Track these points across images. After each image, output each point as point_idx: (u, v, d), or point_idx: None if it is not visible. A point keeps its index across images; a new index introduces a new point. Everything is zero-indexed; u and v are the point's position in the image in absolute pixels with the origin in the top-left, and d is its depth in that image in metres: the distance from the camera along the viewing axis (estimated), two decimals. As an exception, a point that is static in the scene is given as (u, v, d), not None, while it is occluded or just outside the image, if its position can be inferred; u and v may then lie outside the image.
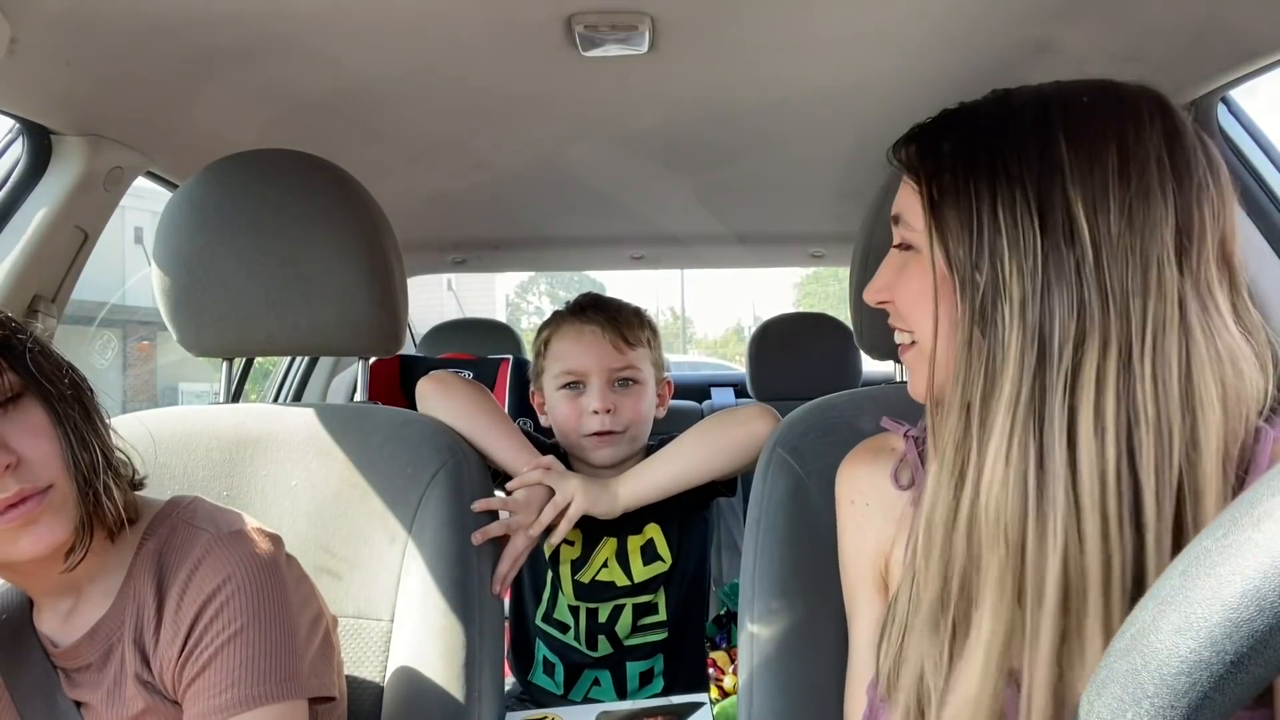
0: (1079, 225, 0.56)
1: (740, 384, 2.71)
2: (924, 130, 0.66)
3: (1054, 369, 0.55)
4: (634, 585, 1.24)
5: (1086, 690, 0.33)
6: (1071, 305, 0.55)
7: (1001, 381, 0.57)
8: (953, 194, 0.60)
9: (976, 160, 0.59)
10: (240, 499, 0.99)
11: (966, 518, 0.58)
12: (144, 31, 1.02)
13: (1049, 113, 0.59)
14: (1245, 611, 0.29)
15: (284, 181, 1.03)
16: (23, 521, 0.66)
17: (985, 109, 0.63)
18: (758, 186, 1.87)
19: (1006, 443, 0.56)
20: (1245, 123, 1.24)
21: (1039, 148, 0.58)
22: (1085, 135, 0.57)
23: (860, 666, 0.75)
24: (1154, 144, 0.57)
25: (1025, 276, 0.56)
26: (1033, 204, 0.57)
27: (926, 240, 0.62)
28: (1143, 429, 0.54)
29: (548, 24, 1.05)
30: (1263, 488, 0.31)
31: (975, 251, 0.58)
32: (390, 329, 1.07)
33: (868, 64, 1.19)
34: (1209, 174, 0.58)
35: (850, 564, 0.78)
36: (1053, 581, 0.54)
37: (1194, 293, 0.56)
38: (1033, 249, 0.56)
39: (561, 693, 1.29)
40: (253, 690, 0.68)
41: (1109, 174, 0.56)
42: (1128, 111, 0.58)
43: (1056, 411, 0.55)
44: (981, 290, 0.58)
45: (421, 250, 2.28)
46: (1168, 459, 0.54)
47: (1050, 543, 0.54)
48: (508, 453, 1.10)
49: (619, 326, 1.24)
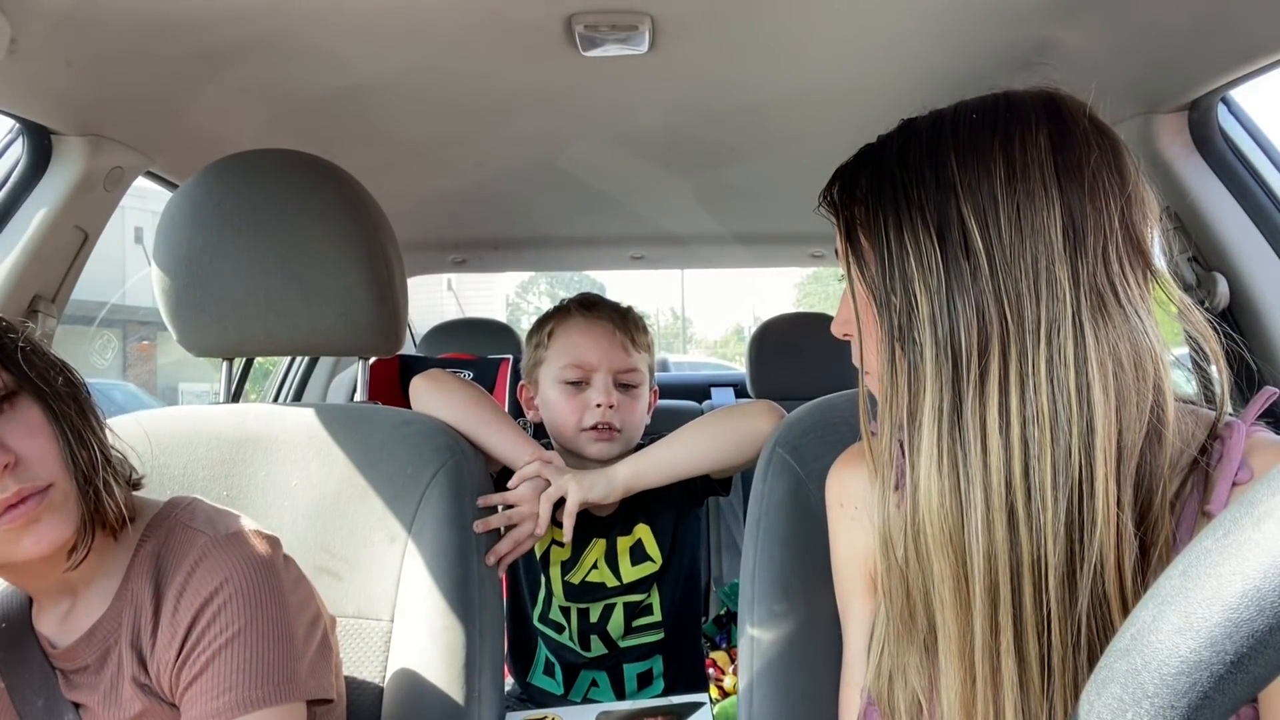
0: (972, 237, 0.58)
1: (740, 384, 2.71)
2: (843, 171, 0.69)
3: (965, 377, 0.58)
4: (623, 585, 1.24)
5: (1086, 690, 0.33)
6: (973, 315, 0.58)
7: (924, 396, 0.60)
8: (865, 225, 0.64)
9: (883, 191, 0.63)
10: (240, 499, 0.99)
11: (912, 528, 0.61)
12: (144, 31, 1.02)
13: (941, 135, 0.62)
14: (1245, 611, 0.29)
15: (284, 181, 1.03)
16: (24, 521, 0.66)
17: (891, 141, 0.66)
18: (758, 186, 1.87)
19: (935, 452, 0.59)
20: (1245, 123, 1.24)
21: (933, 170, 0.60)
22: (973, 151, 0.60)
23: (853, 668, 0.76)
24: (1039, 148, 0.59)
25: (932, 293, 0.59)
26: (931, 224, 0.60)
27: (846, 269, 0.66)
28: (1038, 426, 0.56)
29: (548, 24, 1.05)
30: (1262, 487, 0.31)
31: (888, 275, 0.62)
32: (390, 329, 1.07)
33: (867, 64, 1.19)
34: (1104, 165, 0.58)
35: (842, 567, 0.78)
36: (979, 581, 0.57)
37: (1090, 288, 0.57)
38: (935, 266, 0.59)
39: (562, 692, 1.29)
40: (250, 693, 0.68)
41: (996, 184, 0.58)
42: (1015, 119, 0.60)
43: (970, 418, 0.58)
44: (897, 311, 0.61)
45: (421, 250, 2.28)
46: (1065, 455, 0.56)
47: (974, 544, 0.57)
48: (506, 446, 1.09)
49: (628, 326, 1.24)
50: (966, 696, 0.58)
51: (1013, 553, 0.56)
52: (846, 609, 0.78)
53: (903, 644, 0.64)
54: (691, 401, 2.54)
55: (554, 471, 1.09)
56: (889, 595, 0.64)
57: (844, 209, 0.66)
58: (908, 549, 0.62)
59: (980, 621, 0.57)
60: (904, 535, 0.62)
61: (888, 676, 0.66)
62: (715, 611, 1.79)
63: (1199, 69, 1.08)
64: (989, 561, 0.57)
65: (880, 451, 0.64)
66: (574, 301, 1.29)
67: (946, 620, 0.59)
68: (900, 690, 0.65)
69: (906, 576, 0.62)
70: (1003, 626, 0.57)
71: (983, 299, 0.57)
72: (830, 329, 0.76)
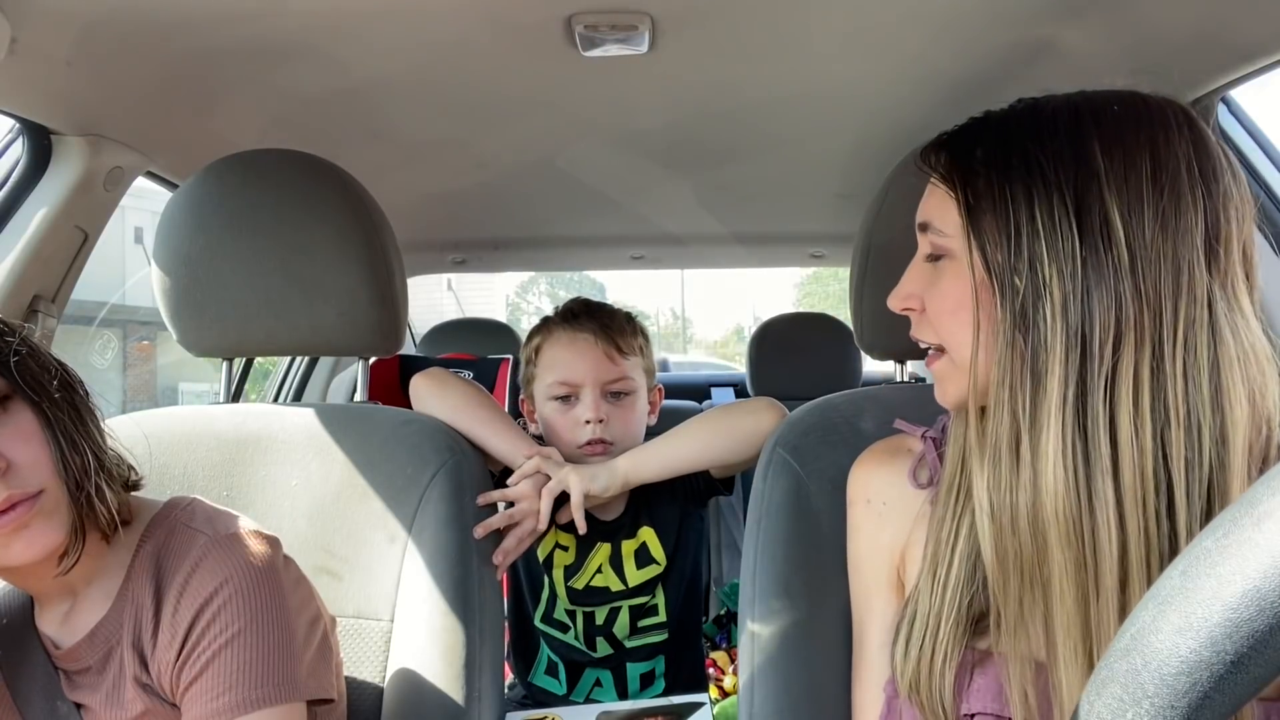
0: (1115, 229, 0.57)
1: (740, 384, 2.71)
2: (954, 137, 0.66)
3: (1095, 368, 0.57)
4: (629, 589, 1.24)
5: (1086, 690, 0.33)
6: (1109, 306, 0.57)
7: (1048, 383, 0.58)
8: (989, 199, 0.61)
9: (1012, 165, 0.60)
10: (240, 499, 0.99)
11: (1029, 516, 0.59)
12: (144, 31, 1.02)
13: (1081, 119, 0.60)
14: (1245, 611, 0.29)
15: (284, 181, 1.03)
16: (14, 527, 0.66)
17: (1017, 115, 0.64)
18: (758, 186, 1.87)
19: (1060, 443, 0.57)
20: (1245, 123, 1.24)
21: (1074, 153, 0.59)
22: (1119, 141, 0.58)
23: (872, 666, 0.75)
24: (1183, 151, 0.58)
25: (1065, 279, 0.58)
26: (1070, 208, 0.58)
27: (964, 246, 0.63)
28: (1174, 426, 0.56)
29: (548, 24, 1.05)
30: (1262, 488, 0.31)
31: (1014, 255, 0.59)
32: (390, 329, 1.07)
33: (868, 64, 1.19)
34: (1233, 180, 0.60)
35: (864, 564, 0.78)
36: (1109, 575, 0.57)
37: (1221, 294, 0.58)
38: (1071, 252, 0.58)
39: (565, 692, 1.29)
40: (251, 693, 0.68)
41: (1143, 180, 0.57)
42: (1156, 120, 0.60)
43: (1099, 410, 0.57)
44: (1022, 294, 0.59)
45: (421, 250, 2.28)
46: (1197, 455, 0.56)
47: (1104, 537, 0.56)
48: (505, 444, 1.09)
49: (612, 335, 1.21)
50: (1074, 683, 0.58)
51: (1146, 546, 0.56)
52: (865, 605, 0.77)
53: (1007, 636, 0.62)
54: (692, 401, 2.54)
55: (553, 466, 1.08)
56: (999, 585, 0.62)
57: (963, 180, 0.63)
58: (1021, 537, 0.60)
59: (1111, 615, 0.57)
60: (1012, 523, 0.60)
61: (926, 669, 0.65)
62: (715, 611, 1.79)
63: (1198, 69, 1.08)
64: (1121, 555, 0.56)
65: (999, 433, 0.61)
66: (558, 314, 1.27)
67: (1066, 612, 0.58)
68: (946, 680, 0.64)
69: (1021, 563, 0.61)
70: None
71: (1122, 292, 0.57)
72: (886, 302, 0.72)
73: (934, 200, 0.67)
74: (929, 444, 0.75)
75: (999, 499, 0.61)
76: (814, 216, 2.12)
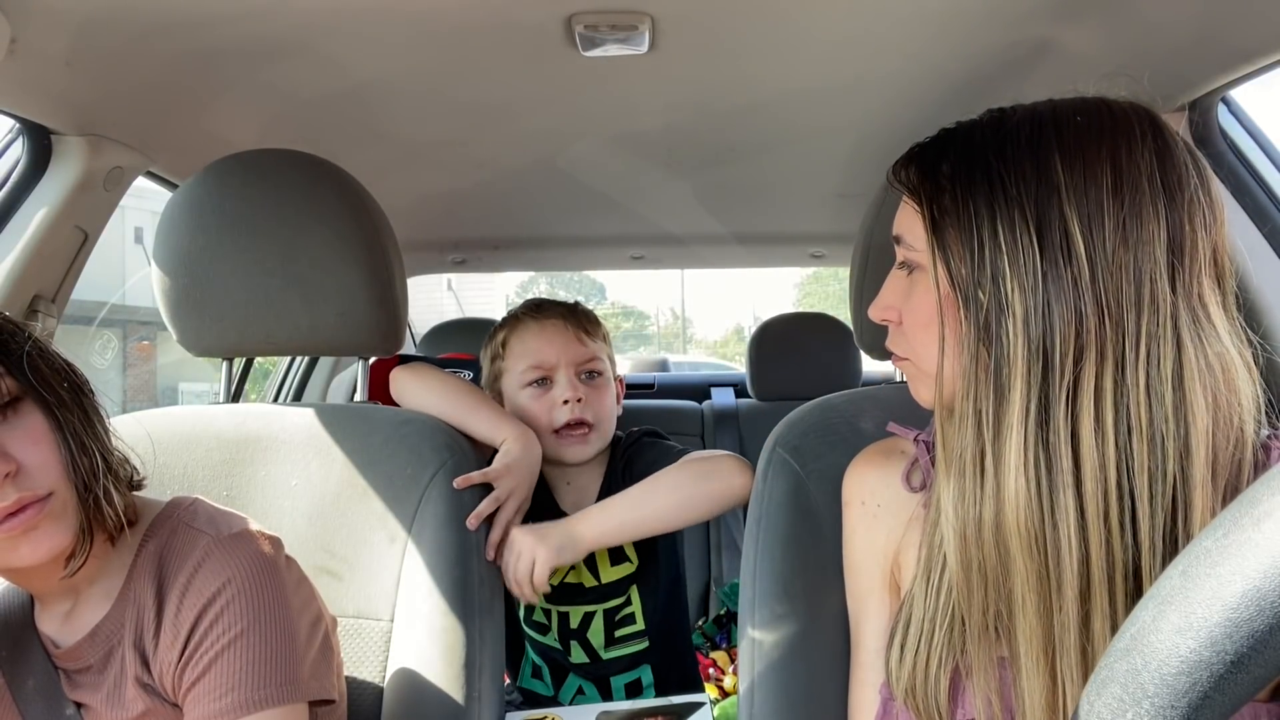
0: (1075, 242, 0.57)
1: (740, 384, 2.70)
2: (923, 150, 0.67)
3: (1057, 381, 0.57)
4: (601, 586, 1.24)
5: (1086, 690, 0.33)
6: (1070, 319, 0.57)
7: (1011, 396, 0.58)
8: (953, 214, 0.62)
9: (975, 180, 0.61)
10: (240, 499, 0.99)
11: (992, 527, 0.60)
12: (144, 31, 1.02)
13: (1043, 132, 0.60)
14: (1245, 611, 0.29)
15: (284, 181, 1.03)
16: (23, 529, 0.66)
17: (981, 128, 0.64)
18: (758, 186, 1.87)
19: (1022, 455, 0.58)
20: (1245, 123, 1.24)
21: (1035, 167, 0.59)
22: (1080, 154, 0.59)
23: (868, 668, 0.75)
24: (1146, 161, 0.58)
25: (1026, 293, 0.58)
26: (1030, 223, 0.58)
27: (929, 260, 0.64)
28: (1136, 438, 0.56)
29: (548, 24, 1.05)
30: (1262, 487, 0.31)
31: (977, 270, 0.60)
32: (390, 329, 1.07)
33: (867, 64, 1.19)
34: (1200, 188, 0.59)
35: (859, 565, 0.78)
36: (1070, 586, 0.57)
37: (1185, 305, 0.58)
38: (1032, 266, 0.58)
39: (551, 694, 1.29)
40: (253, 694, 0.68)
41: (1103, 192, 0.58)
42: (1120, 129, 0.60)
43: (1061, 423, 0.57)
44: (985, 308, 0.60)
45: (421, 250, 2.28)
46: (1160, 467, 0.56)
47: (1066, 548, 0.57)
48: (486, 424, 1.09)
49: (579, 319, 1.25)
50: (1050, 699, 0.59)
51: (1109, 558, 0.56)
52: (861, 608, 0.77)
53: (972, 644, 0.63)
54: (692, 401, 2.53)
55: (518, 534, 1.04)
56: (964, 594, 0.63)
57: (929, 195, 0.64)
58: (985, 548, 0.60)
59: (1072, 625, 0.57)
60: (977, 535, 0.61)
61: (922, 673, 0.65)
62: (715, 611, 1.79)
63: (1199, 69, 1.08)
64: (1083, 566, 0.57)
65: (963, 444, 0.62)
66: (521, 308, 1.29)
67: (1029, 622, 0.59)
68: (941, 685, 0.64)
69: (984, 574, 0.61)
70: (1097, 633, 0.57)
71: (1082, 305, 0.57)
72: (867, 312, 0.73)
73: (905, 214, 0.68)
74: (921, 448, 0.75)
75: (963, 510, 0.62)
76: (814, 216, 2.12)
